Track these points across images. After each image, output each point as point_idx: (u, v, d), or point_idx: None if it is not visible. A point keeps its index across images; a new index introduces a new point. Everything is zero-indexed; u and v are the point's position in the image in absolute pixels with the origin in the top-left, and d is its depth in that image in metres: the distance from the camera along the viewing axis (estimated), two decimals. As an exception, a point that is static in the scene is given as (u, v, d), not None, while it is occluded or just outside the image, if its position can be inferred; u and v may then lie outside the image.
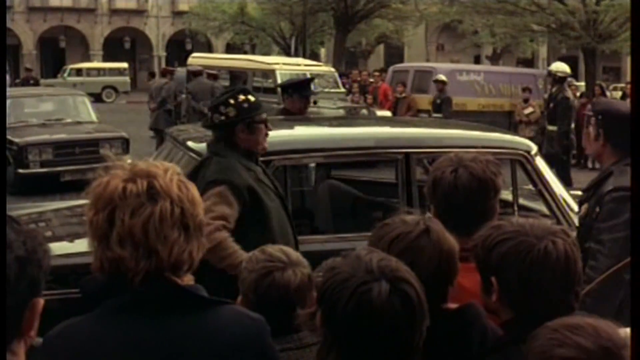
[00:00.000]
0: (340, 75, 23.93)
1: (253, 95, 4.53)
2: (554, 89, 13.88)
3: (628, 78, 32.17)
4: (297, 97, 7.36)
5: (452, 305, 2.43)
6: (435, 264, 2.35)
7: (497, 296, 2.28)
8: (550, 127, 14.07)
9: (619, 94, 23.92)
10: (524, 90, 20.87)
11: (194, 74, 18.26)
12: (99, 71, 44.00)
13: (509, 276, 2.25)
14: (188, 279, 2.08)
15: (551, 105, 13.96)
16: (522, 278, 2.23)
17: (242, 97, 4.40)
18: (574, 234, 5.44)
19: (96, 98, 35.13)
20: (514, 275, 2.23)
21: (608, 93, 22.53)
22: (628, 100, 18.65)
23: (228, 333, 2.02)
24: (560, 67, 14.01)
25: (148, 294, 1.98)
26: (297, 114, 7.30)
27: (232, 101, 4.39)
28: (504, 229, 2.30)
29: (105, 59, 50.82)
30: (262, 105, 4.55)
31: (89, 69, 43.71)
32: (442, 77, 18.77)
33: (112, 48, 53.16)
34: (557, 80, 13.68)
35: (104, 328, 2.00)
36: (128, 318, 1.99)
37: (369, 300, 1.89)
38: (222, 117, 4.39)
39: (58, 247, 5.16)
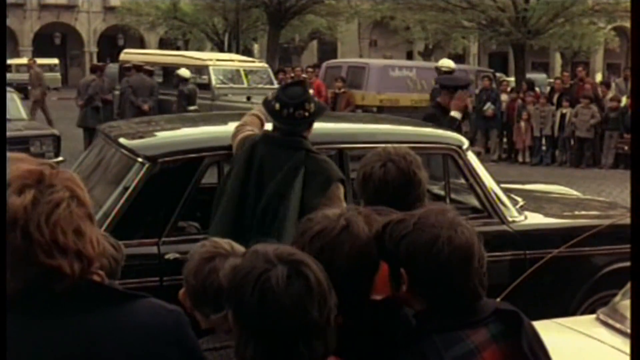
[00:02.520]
0: (277, 72, 23.92)
1: None
2: None
3: (557, 73, 32.80)
4: (460, 94, 7.76)
5: (377, 297, 2.48)
6: (356, 257, 2.38)
7: (406, 287, 2.32)
8: None
9: (548, 89, 24.35)
10: (455, 85, 21.06)
11: (136, 69, 18.13)
12: (28, 68, 43.13)
13: (417, 267, 2.29)
14: (100, 274, 2.07)
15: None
16: (429, 268, 2.28)
17: (311, 91, 4.46)
18: (502, 228, 5.57)
19: (26, 95, 34.46)
20: (422, 266, 2.28)
21: (537, 88, 22.92)
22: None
23: (144, 325, 2.01)
24: (446, 62, 14.88)
25: (62, 291, 1.95)
26: (447, 110, 7.71)
27: (311, 96, 4.43)
28: (408, 221, 2.34)
29: (35, 55, 49.84)
30: None
31: (18, 65, 42.86)
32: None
33: (42, 44, 52.25)
34: (440, 74, 14.32)
35: (16, 328, 1.95)
36: (42, 316, 1.96)
37: (270, 287, 1.95)
38: (307, 113, 4.39)
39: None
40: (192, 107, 17.18)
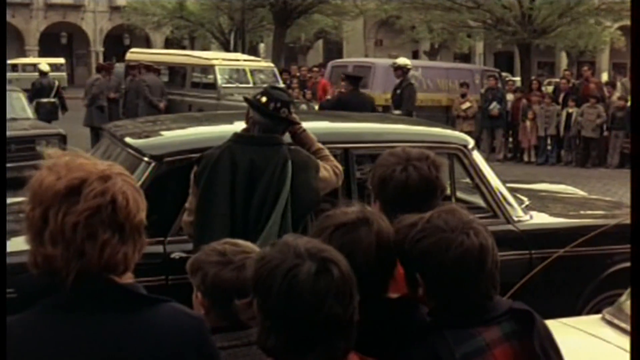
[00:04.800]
0: (282, 71, 23.91)
1: None
2: (398, 80, 15.47)
3: (562, 73, 32.82)
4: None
5: (393, 295, 2.48)
6: (375, 255, 2.38)
7: (423, 290, 2.35)
8: (396, 112, 14.91)
9: (551, 88, 24.33)
10: (461, 85, 21.12)
11: (146, 68, 18.34)
12: (35, 67, 43.22)
13: (432, 272, 2.31)
14: (127, 277, 2.07)
15: (398, 92, 15.36)
16: (441, 273, 2.29)
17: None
18: (508, 227, 5.57)
19: (32, 94, 34.44)
20: (435, 271, 2.30)
21: (543, 88, 22.89)
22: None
23: (166, 331, 2.01)
24: (405, 61, 15.86)
25: (85, 292, 1.96)
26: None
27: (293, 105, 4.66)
28: (421, 225, 2.35)
29: (42, 54, 49.94)
30: None
31: (24, 65, 42.90)
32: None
33: (49, 43, 52.29)
34: (404, 71, 15.42)
35: (41, 327, 1.97)
36: (66, 316, 1.96)
37: (298, 282, 1.97)
38: (285, 115, 4.54)
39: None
40: (44, 100, 18.56)
